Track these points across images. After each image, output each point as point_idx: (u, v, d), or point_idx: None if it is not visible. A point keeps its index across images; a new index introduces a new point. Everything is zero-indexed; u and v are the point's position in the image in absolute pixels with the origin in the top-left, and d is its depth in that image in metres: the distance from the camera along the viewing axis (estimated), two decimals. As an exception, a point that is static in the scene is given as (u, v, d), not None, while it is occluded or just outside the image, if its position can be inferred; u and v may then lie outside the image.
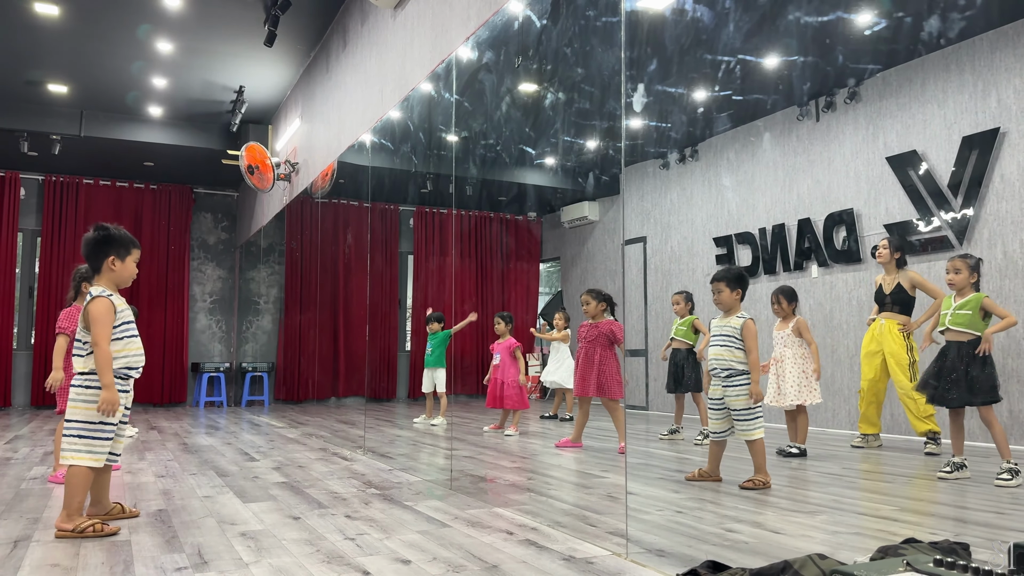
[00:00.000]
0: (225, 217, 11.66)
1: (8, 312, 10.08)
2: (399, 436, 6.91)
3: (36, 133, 8.70)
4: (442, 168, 9.85)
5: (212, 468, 4.86)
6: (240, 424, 8.11)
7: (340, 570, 2.52)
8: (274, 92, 8.37)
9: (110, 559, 2.66)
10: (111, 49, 7.13)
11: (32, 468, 4.82)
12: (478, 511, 3.47)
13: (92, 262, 3.15)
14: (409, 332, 12.44)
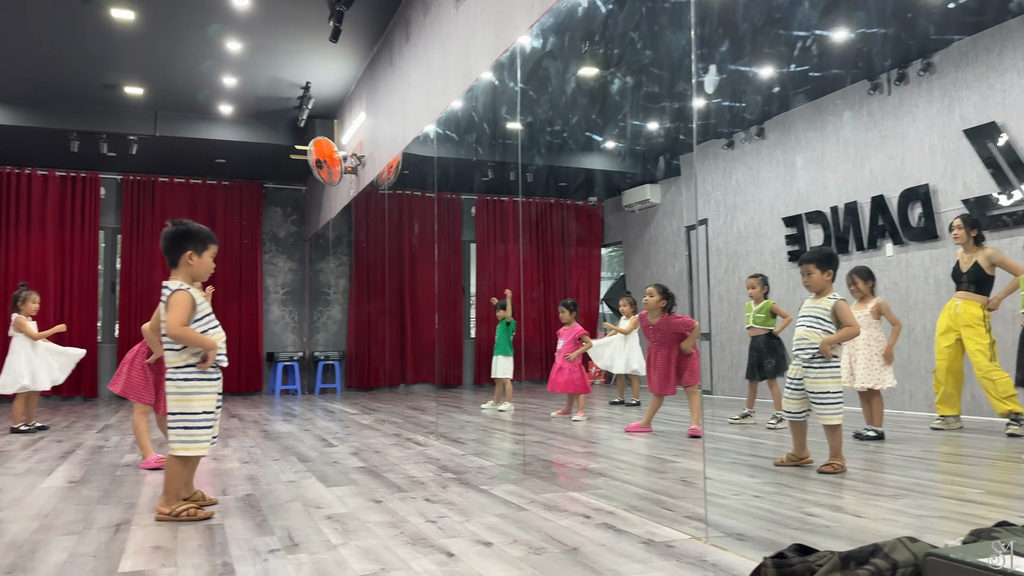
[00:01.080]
0: (294, 211, 11.95)
1: (92, 307, 10.57)
2: (468, 422, 7.01)
3: (114, 134, 9.07)
4: (504, 156, 9.89)
5: (293, 454, 5.02)
6: (315, 411, 8.34)
7: (424, 551, 2.60)
8: (339, 87, 8.53)
9: (206, 542, 2.79)
10: (183, 50, 7.37)
11: (124, 456, 5.06)
12: (553, 495, 3.52)
13: (170, 256, 3.25)
14: (474, 320, 12.56)
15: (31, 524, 3.08)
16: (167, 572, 2.40)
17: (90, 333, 10.47)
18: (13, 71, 7.81)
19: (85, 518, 3.18)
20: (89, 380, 10.41)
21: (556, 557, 2.51)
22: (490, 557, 2.52)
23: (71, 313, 10.33)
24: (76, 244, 10.49)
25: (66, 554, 2.62)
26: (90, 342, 10.44)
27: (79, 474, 4.30)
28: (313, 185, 11.08)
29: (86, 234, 10.56)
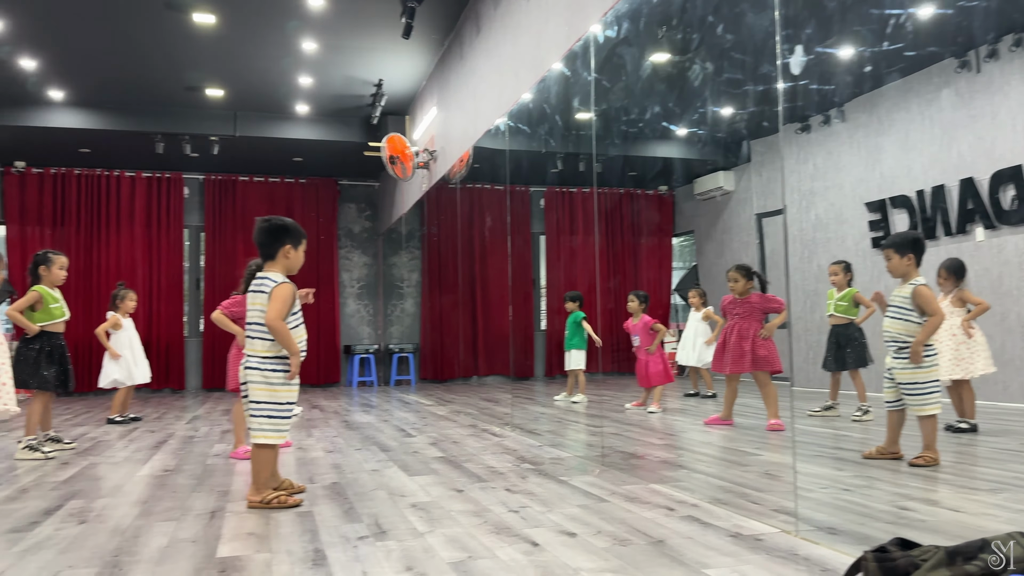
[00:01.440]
0: (368, 207, 12.17)
1: (178, 303, 11.00)
2: (542, 413, 7.02)
3: (196, 135, 9.40)
4: (573, 147, 9.85)
5: (374, 443, 5.13)
6: (391, 402, 8.50)
7: (509, 540, 2.62)
8: (411, 83, 8.63)
9: (298, 528, 2.88)
10: (261, 51, 7.57)
11: (213, 445, 5.26)
12: (634, 487, 3.50)
13: (267, 249, 3.34)
14: (544, 312, 12.57)
15: (132, 510, 3.22)
16: (262, 558, 2.49)
17: (177, 328, 10.91)
18: (101, 77, 8.17)
19: (182, 505, 3.32)
20: (177, 373, 10.85)
21: (642, 549, 2.50)
22: (575, 548, 2.52)
23: (159, 309, 10.78)
24: (163, 242, 10.92)
25: (167, 539, 2.74)
26: (176, 337, 10.88)
27: (173, 463, 4.49)
28: (386, 181, 11.26)
29: (171, 232, 10.99)
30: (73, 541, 2.72)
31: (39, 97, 8.65)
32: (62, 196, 10.63)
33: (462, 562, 2.38)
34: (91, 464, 4.48)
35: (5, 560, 2.50)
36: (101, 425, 6.63)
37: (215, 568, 2.37)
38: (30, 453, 4.68)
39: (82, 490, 3.68)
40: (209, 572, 2.33)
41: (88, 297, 10.37)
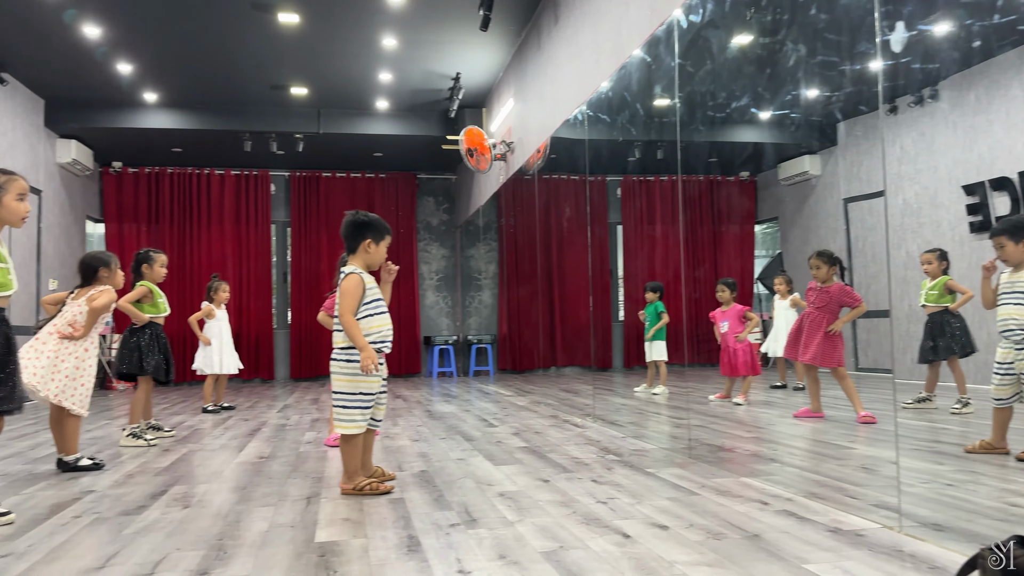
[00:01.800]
0: (445, 199, 12.31)
1: (267, 296, 11.37)
2: (624, 404, 6.97)
3: (282, 133, 9.68)
4: (652, 135, 9.71)
5: (458, 433, 5.19)
6: (471, 392, 8.58)
7: (600, 531, 2.60)
8: (488, 75, 8.66)
9: (391, 514, 2.93)
10: (343, 49, 7.73)
11: (305, 433, 5.42)
12: (724, 480, 3.43)
13: (350, 243, 3.42)
14: (622, 302, 12.46)
15: (232, 496, 3.35)
16: (359, 543, 2.55)
17: (266, 320, 11.29)
18: (192, 79, 8.50)
19: (278, 491, 3.43)
20: (266, 364, 11.23)
21: (737, 543, 2.45)
22: (668, 540, 2.49)
23: (248, 302, 11.17)
24: (251, 238, 11.31)
25: (267, 524, 2.84)
26: (265, 328, 11.26)
27: (267, 450, 4.65)
28: (463, 173, 11.35)
29: (259, 228, 11.36)
30: (179, 525, 2.85)
31: (134, 99, 9.06)
32: (156, 194, 11.12)
33: (554, 552, 2.39)
34: (190, 451, 4.68)
35: (118, 542, 2.63)
36: (197, 414, 6.92)
37: (314, 553, 2.44)
38: (133, 440, 4.92)
39: (183, 476, 3.85)
40: (309, 557, 2.40)
41: (181, 291, 10.82)
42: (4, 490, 3.52)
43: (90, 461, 4.04)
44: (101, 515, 3.01)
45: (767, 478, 3.44)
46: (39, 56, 7.65)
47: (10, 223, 2.92)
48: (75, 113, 9.11)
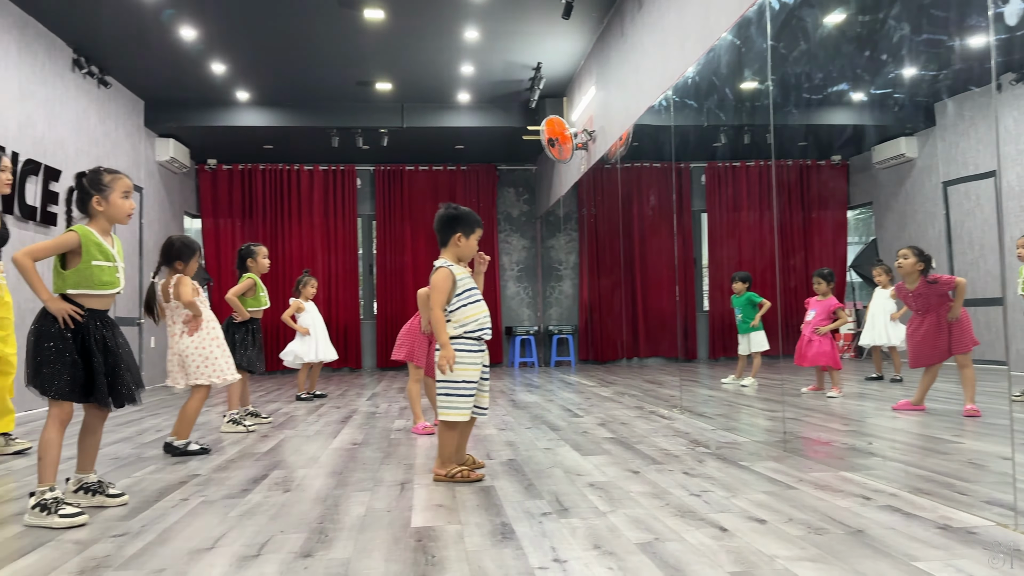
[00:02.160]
0: (526, 190, 12.33)
1: (354, 288, 11.66)
2: (712, 396, 6.84)
3: (368, 128, 9.88)
4: (740, 120, 9.46)
5: (543, 423, 5.20)
6: (553, 383, 8.59)
7: (695, 524, 2.56)
8: (568, 64, 8.61)
9: (483, 502, 2.96)
10: (426, 44, 7.82)
11: (394, 421, 5.53)
12: (823, 474, 3.32)
13: (441, 236, 3.48)
14: (706, 292, 12.22)
15: (329, 481, 3.45)
16: (453, 529, 2.58)
17: (353, 311, 11.58)
18: (281, 77, 8.75)
19: (373, 476, 3.51)
20: (354, 353, 11.52)
21: (840, 539, 2.37)
22: (767, 535, 2.43)
23: (336, 294, 11.47)
24: (338, 231, 11.60)
25: (364, 508, 2.91)
26: (353, 319, 11.55)
27: (359, 437, 4.77)
28: (543, 164, 11.33)
29: (346, 222, 11.65)
30: (281, 508, 2.95)
31: (228, 99, 9.40)
32: (249, 190, 11.53)
33: (649, 543, 2.36)
34: (287, 437, 4.84)
35: (226, 524, 2.74)
36: (291, 402, 7.16)
37: (411, 538, 2.49)
38: (233, 427, 5.13)
39: (282, 461, 3.99)
40: (406, 541, 2.45)
41: (274, 284, 11.19)
42: (116, 473, 3.73)
43: (198, 446, 4.23)
44: (207, 498, 3.15)
45: (868, 472, 3.32)
46: (139, 60, 8.02)
47: (117, 220, 3.05)
48: (172, 113, 9.53)
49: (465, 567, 2.18)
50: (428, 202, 11.83)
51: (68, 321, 2.84)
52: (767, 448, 4.03)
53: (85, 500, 3.01)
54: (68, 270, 2.90)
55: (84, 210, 3.01)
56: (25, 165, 6.68)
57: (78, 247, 2.89)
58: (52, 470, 2.83)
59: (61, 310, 2.83)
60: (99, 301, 2.96)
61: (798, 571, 2.09)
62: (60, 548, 2.46)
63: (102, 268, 2.94)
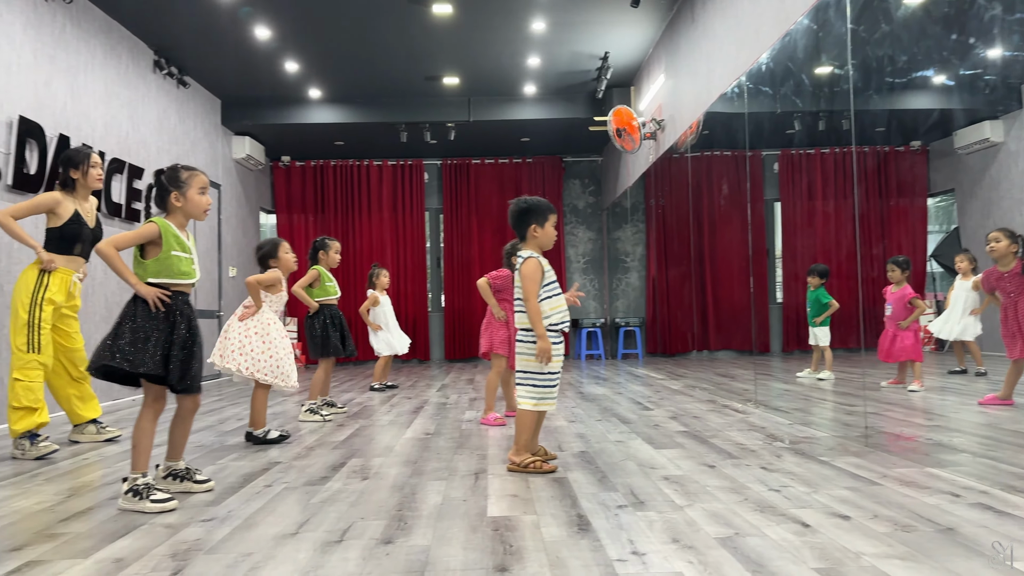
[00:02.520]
0: (591, 182, 12.25)
1: (422, 281, 11.81)
2: (787, 390, 6.69)
3: (435, 123, 9.97)
4: (815, 106, 9.19)
5: (613, 415, 5.17)
6: (621, 375, 8.53)
7: (776, 520, 2.51)
8: (636, 53, 8.51)
9: (557, 493, 2.97)
10: (493, 37, 7.84)
11: (464, 412, 5.58)
12: (907, 470, 3.22)
13: (518, 230, 3.50)
14: (779, 283, 11.94)
15: (405, 470, 3.51)
16: (530, 519, 2.60)
17: (421, 304, 11.73)
18: (352, 74, 8.91)
19: (447, 466, 3.56)
20: (423, 345, 11.68)
21: (930, 536, 2.29)
22: (852, 531, 2.37)
23: (405, 286, 11.64)
24: (407, 225, 11.77)
25: (440, 497, 2.95)
26: (421, 312, 11.70)
27: (432, 427, 4.83)
28: (609, 155, 11.24)
29: (414, 215, 11.80)
30: (360, 495, 3.02)
31: (300, 97, 9.62)
32: (321, 186, 11.79)
33: (729, 538, 2.33)
34: (362, 427, 4.94)
35: (308, 510, 2.82)
36: (365, 392, 7.30)
37: (489, 527, 2.51)
38: (311, 416, 5.26)
39: (359, 450, 4.07)
40: (484, 531, 2.47)
41: (345, 276, 11.43)
42: (200, 460, 3.87)
43: (277, 433, 4.35)
44: (289, 485, 3.24)
45: (956, 469, 3.20)
46: (216, 60, 8.27)
47: (194, 216, 3.14)
48: (248, 111, 9.80)
49: (543, 557, 2.19)
50: (494, 195, 11.89)
51: (158, 303, 2.95)
52: (847, 443, 3.92)
53: (174, 486, 3.13)
54: (148, 260, 3.00)
55: (163, 206, 3.11)
56: (111, 164, 6.97)
57: (158, 237, 2.99)
58: (145, 457, 2.95)
59: (150, 293, 2.94)
60: (178, 290, 3.07)
61: (887, 569, 2.03)
62: (152, 532, 2.57)
63: (180, 259, 3.04)
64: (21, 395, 4.04)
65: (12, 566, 2.23)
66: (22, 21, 5.77)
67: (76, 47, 6.50)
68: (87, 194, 4.44)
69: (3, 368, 5.36)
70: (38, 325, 4.11)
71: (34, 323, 4.10)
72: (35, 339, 4.09)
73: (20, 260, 5.56)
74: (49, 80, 6.09)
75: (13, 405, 4.04)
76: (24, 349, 4.08)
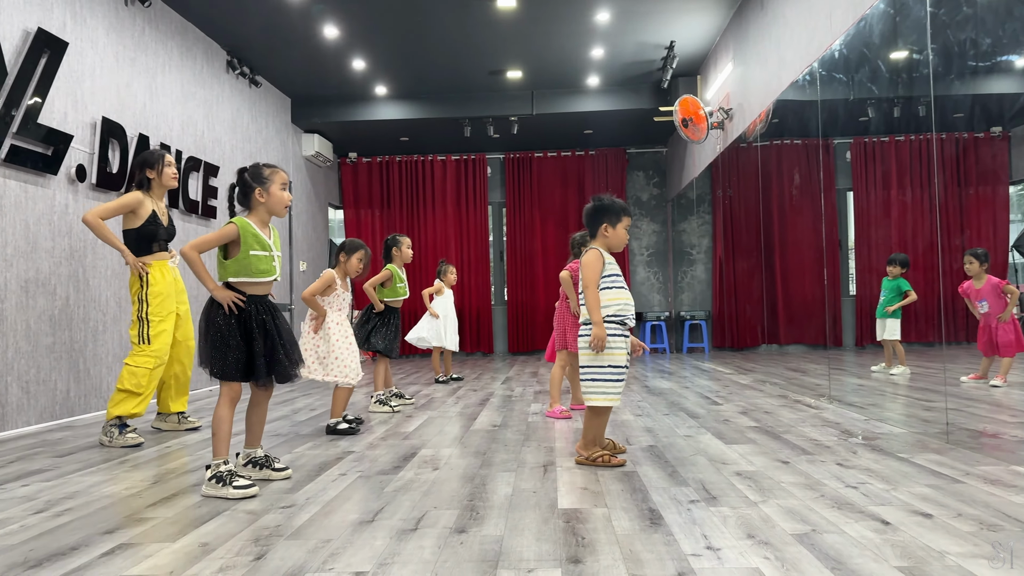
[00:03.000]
0: (655, 173, 12.11)
1: (485, 274, 11.88)
2: (861, 385, 6.52)
3: (498, 117, 10.01)
4: (892, 92, 8.88)
5: (681, 410, 5.12)
6: (686, 369, 8.43)
7: (854, 517, 2.46)
8: (703, 41, 8.37)
9: (627, 487, 2.96)
10: (556, 29, 7.81)
11: (530, 404, 5.61)
12: (992, 468, 3.10)
13: (590, 228, 3.51)
14: (852, 275, 11.60)
15: (474, 461, 3.55)
16: (600, 512, 2.60)
17: (484, 297, 11.81)
18: (417, 71, 9.00)
19: (516, 458, 3.58)
20: (486, 338, 11.76)
21: (1019, 536, 2.21)
22: (935, 530, 2.30)
23: (469, 280, 11.73)
24: (470, 219, 11.85)
25: (510, 488, 2.98)
26: (485, 305, 11.78)
27: (498, 419, 4.87)
28: (675, 146, 11.09)
29: (477, 209, 11.87)
30: (432, 485, 3.07)
31: (367, 94, 9.78)
32: (386, 181, 11.97)
33: (806, 535, 2.29)
34: (430, 418, 5.01)
35: (383, 498, 2.88)
36: (430, 384, 7.40)
37: (560, 519, 2.52)
38: (380, 407, 5.36)
39: (428, 440, 4.13)
40: (555, 522, 2.49)
41: (410, 271, 11.57)
42: (277, 449, 3.98)
43: (347, 424, 4.45)
44: (363, 473, 3.32)
45: (1047, 469, 3.07)
46: (286, 59, 8.47)
47: (275, 212, 3.22)
48: (316, 109, 10.01)
49: (616, 550, 2.19)
50: (556, 188, 11.86)
51: (232, 308, 3.05)
52: (927, 440, 3.80)
53: (254, 473, 3.24)
54: (229, 260, 3.11)
55: (246, 203, 3.21)
56: (187, 162, 7.22)
57: (237, 238, 3.09)
58: (225, 444, 3.06)
59: (225, 298, 3.05)
60: (258, 288, 3.16)
61: (973, 568, 1.97)
62: (235, 518, 2.66)
63: (259, 257, 3.12)
64: (126, 378, 4.25)
65: (106, 547, 2.35)
66: (104, 26, 6.01)
67: (154, 49, 6.75)
68: (162, 193, 4.62)
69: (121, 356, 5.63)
70: (147, 320, 4.31)
71: (143, 318, 4.31)
72: (144, 332, 4.31)
73: (105, 256, 5.82)
74: (130, 82, 6.34)
75: (118, 387, 4.27)
76: (136, 341, 4.30)
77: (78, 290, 5.52)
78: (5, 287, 4.84)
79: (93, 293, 5.68)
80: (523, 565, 2.09)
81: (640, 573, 2.00)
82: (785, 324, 11.45)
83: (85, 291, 5.60)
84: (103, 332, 5.79)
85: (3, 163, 4.86)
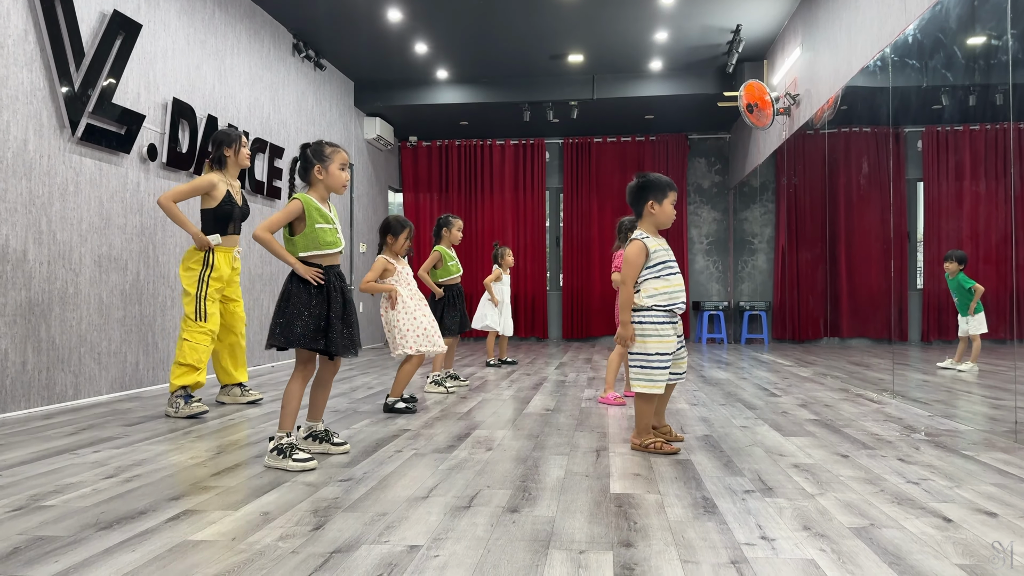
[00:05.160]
0: (718, 160, 11.91)
1: (542, 260, 11.88)
2: (926, 381, 6.32)
3: (558, 102, 9.96)
4: (968, 80, 8.53)
5: (738, 400, 5.06)
6: (744, 360, 8.30)
7: (915, 513, 2.40)
8: (771, 25, 8.17)
9: (681, 475, 2.94)
10: (620, 12, 7.73)
11: (583, 390, 5.61)
12: (1065, 470, 2.98)
13: (635, 208, 3.45)
14: (920, 268, 11.23)
15: (527, 443, 3.57)
16: (653, 498, 2.59)
17: (540, 282, 11.82)
18: (478, 55, 9.01)
19: (569, 442, 3.60)
20: (541, 323, 11.78)
21: (1092, 541, 2.12)
22: (999, 529, 2.23)
23: (525, 265, 11.75)
24: (528, 204, 11.85)
25: (562, 471, 2.99)
26: (540, 290, 11.79)
27: (552, 403, 4.89)
28: (738, 132, 10.88)
29: (535, 195, 11.86)
30: (485, 465, 3.10)
31: (428, 78, 9.84)
32: (445, 165, 12.05)
33: (864, 529, 2.24)
34: (484, 400, 5.06)
35: (436, 476, 2.93)
36: (484, 367, 7.46)
37: (612, 503, 2.53)
38: (435, 387, 5.43)
39: (482, 421, 4.18)
40: (607, 506, 2.49)
41: (468, 255, 11.66)
42: (336, 425, 4.08)
43: (404, 404, 4.52)
44: (419, 451, 3.38)
45: (1124, 473, 2.94)
46: (350, 43, 8.58)
47: (333, 189, 3.28)
48: (379, 93, 10.12)
49: (668, 536, 2.19)
50: (615, 174, 11.77)
51: (317, 280, 3.13)
52: (994, 438, 3.67)
53: (314, 447, 3.32)
54: (296, 235, 3.18)
55: (305, 178, 3.28)
56: (254, 143, 7.39)
57: (302, 213, 3.16)
58: (291, 419, 3.14)
59: (308, 272, 3.12)
60: (328, 259, 3.23)
61: (1041, 572, 1.91)
62: (294, 489, 2.74)
63: (324, 230, 3.19)
64: (187, 353, 4.40)
65: (172, 513, 2.44)
66: (176, 8, 6.18)
67: (224, 32, 6.91)
68: (236, 173, 4.74)
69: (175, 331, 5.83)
70: (204, 298, 4.46)
71: (201, 296, 4.46)
72: (202, 309, 4.45)
73: (174, 233, 6.01)
74: (200, 64, 6.51)
75: (179, 361, 4.42)
76: (193, 318, 4.45)
77: (148, 266, 5.73)
78: (80, 262, 5.05)
79: (162, 269, 5.88)
80: (574, 546, 2.10)
81: (692, 559, 2.00)
82: (848, 317, 11.15)
83: (155, 267, 5.80)
84: (171, 307, 5.99)
85: (79, 141, 5.06)
